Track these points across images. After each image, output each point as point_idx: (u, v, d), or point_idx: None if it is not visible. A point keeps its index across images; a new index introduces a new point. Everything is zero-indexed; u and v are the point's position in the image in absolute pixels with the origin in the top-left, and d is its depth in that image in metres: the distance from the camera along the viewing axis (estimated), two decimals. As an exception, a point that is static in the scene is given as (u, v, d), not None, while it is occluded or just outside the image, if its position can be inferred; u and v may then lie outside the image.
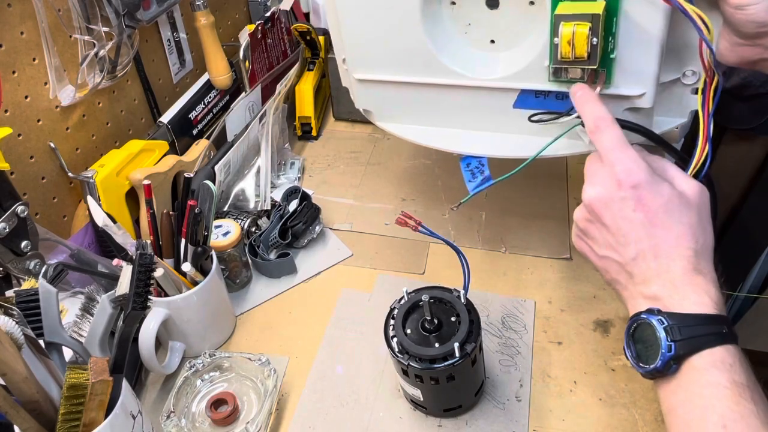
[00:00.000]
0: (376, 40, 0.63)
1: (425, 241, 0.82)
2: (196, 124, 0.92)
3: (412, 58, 0.63)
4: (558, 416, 0.62)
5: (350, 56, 0.67)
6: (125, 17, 0.75)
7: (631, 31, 0.52)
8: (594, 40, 0.50)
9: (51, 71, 0.69)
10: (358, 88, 0.69)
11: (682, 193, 0.46)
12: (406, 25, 0.60)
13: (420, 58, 0.62)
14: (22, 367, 0.46)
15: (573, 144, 0.61)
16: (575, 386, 0.64)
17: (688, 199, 0.46)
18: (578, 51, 0.51)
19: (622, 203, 0.46)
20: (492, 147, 0.65)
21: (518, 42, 0.60)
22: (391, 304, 0.60)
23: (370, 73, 0.66)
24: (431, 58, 0.62)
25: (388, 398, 0.64)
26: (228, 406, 0.60)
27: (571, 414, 0.62)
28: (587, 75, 0.55)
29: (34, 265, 0.61)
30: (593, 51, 0.51)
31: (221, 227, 0.75)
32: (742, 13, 0.46)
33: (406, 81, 0.65)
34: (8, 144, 0.65)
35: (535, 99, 0.61)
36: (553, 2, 0.53)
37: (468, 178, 0.64)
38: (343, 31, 0.64)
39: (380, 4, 0.60)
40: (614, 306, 0.72)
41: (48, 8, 0.67)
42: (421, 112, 0.68)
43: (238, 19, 1.09)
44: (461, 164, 0.65)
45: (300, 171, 0.96)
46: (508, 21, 0.59)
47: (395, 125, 0.70)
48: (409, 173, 0.96)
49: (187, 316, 0.66)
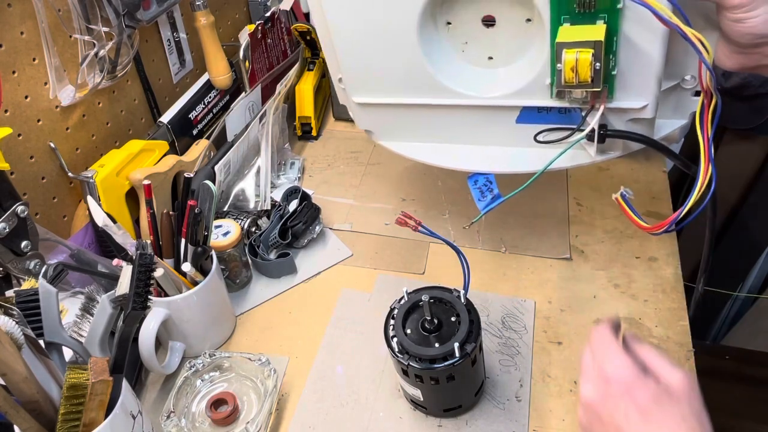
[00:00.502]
0: (373, 64, 0.62)
1: (425, 241, 0.82)
2: (196, 124, 0.92)
3: (411, 80, 0.62)
4: (558, 416, 0.62)
5: (347, 79, 0.66)
6: (125, 17, 0.75)
7: (631, 50, 0.52)
8: (597, 65, 0.51)
9: (51, 71, 0.69)
10: (357, 110, 0.69)
11: (668, 387, 0.47)
12: (402, 48, 0.60)
13: (419, 79, 0.62)
14: (22, 367, 0.46)
15: (577, 155, 0.62)
16: (575, 386, 0.64)
17: (674, 392, 0.47)
18: (582, 76, 0.51)
19: (616, 401, 0.48)
20: (498, 163, 0.65)
21: (517, 58, 0.60)
22: (391, 304, 0.60)
23: (369, 97, 0.66)
24: (430, 79, 0.61)
25: (388, 398, 0.64)
26: (228, 406, 0.60)
27: (571, 414, 0.62)
28: (589, 94, 0.55)
29: (34, 265, 0.61)
30: (596, 75, 0.51)
31: (221, 227, 0.75)
32: (741, 26, 0.47)
33: (406, 103, 0.65)
34: (8, 144, 0.65)
35: (537, 114, 0.61)
36: (553, 24, 0.53)
37: (477, 197, 0.64)
38: (338, 54, 0.64)
39: (375, 28, 0.59)
40: (614, 306, 0.73)
41: (48, 8, 0.67)
42: (424, 131, 0.68)
43: (238, 19, 1.09)
44: (469, 182, 0.65)
45: (300, 171, 0.96)
46: (505, 38, 0.59)
47: (398, 144, 0.70)
48: (409, 173, 0.96)
49: (187, 316, 0.66)
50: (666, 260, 0.78)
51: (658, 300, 0.73)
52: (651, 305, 0.72)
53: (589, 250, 0.80)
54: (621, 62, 0.53)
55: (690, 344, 0.68)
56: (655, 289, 0.74)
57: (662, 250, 0.79)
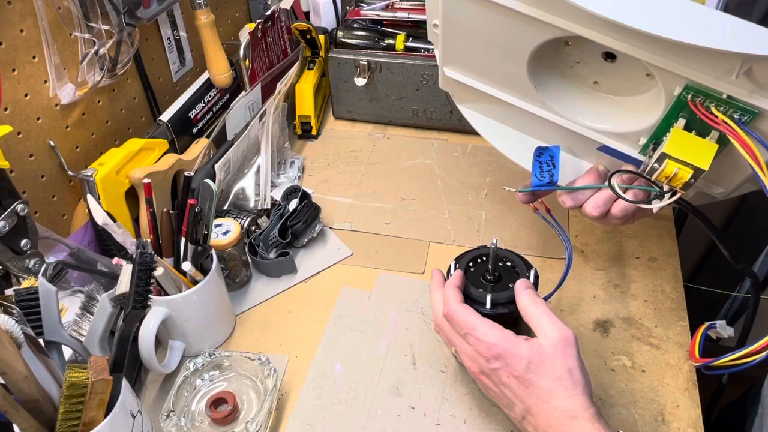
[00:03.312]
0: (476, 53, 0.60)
1: (425, 240, 0.82)
2: (196, 123, 0.92)
3: (508, 81, 0.61)
4: (558, 416, 0.62)
5: (443, 52, 0.63)
6: (125, 15, 0.75)
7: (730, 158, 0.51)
8: (692, 181, 0.50)
9: (51, 69, 0.69)
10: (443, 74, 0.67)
11: (540, 348, 0.51)
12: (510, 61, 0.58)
13: (516, 85, 0.60)
14: (22, 366, 0.46)
15: None
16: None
17: (546, 352, 0.51)
18: (674, 183, 0.51)
19: (498, 373, 0.53)
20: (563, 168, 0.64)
21: (620, 93, 0.59)
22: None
23: (461, 75, 0.64)
24: (528, 89, 0.60)
25: (387, 396, 0.64)
26: (228, 406, 0.60)
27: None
28: None
29: (34, 264, 0.61)
30: (686, 186, 0.51)
31: (221, 226, 0.75)
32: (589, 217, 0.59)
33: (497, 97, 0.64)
34: (8, 142, 0.65)
35: (617, 151, 0.60)
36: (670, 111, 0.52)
37: (536, 172, 0.61)
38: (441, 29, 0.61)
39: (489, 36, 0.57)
40: (614, 306, 0.73)
41: (48, 6, 0.67)
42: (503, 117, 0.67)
43: (238, 17, 1.08)
44: (534, 153, 0.62)
45: (300, 170, 0.96)
46: (619, 78, 0.58)
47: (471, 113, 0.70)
48: (409, 173, 0.96)
49: (187, 315, 0.66)
50: (666, 260, 0.78)
51: (658, 300, 0.73)
52: (651, 305, 0.72)
53: (589, 250, 0.80)
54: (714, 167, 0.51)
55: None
56: (655, 289, 0.74)
57: (662, 250, 0.79)
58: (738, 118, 0.48)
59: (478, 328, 0.53)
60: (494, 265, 0.59)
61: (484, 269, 0.60)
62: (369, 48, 1.02)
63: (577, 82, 0.61)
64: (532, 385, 0.51)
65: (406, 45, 1.01)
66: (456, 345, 0.57)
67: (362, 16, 1.08)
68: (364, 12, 1.09)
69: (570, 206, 0.61)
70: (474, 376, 0.56)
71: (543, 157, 0.61)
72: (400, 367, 0.67)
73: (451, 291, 0.57)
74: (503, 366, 0.52)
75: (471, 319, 0.54)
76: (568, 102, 0.61)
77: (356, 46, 1.04)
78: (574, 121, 0.61)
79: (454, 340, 0.57)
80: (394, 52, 1.01)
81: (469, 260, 0.61)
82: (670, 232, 0.82)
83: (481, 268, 0.60)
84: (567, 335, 0.51)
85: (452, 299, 0.56)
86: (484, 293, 0.57)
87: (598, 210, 0.59)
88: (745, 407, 0.84)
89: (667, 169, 0.50)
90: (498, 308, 0.57)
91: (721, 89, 0.47)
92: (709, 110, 0.49)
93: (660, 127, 0.54)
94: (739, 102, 0.47)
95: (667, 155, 0.50)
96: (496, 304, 0.57)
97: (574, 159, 0.66)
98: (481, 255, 0.61)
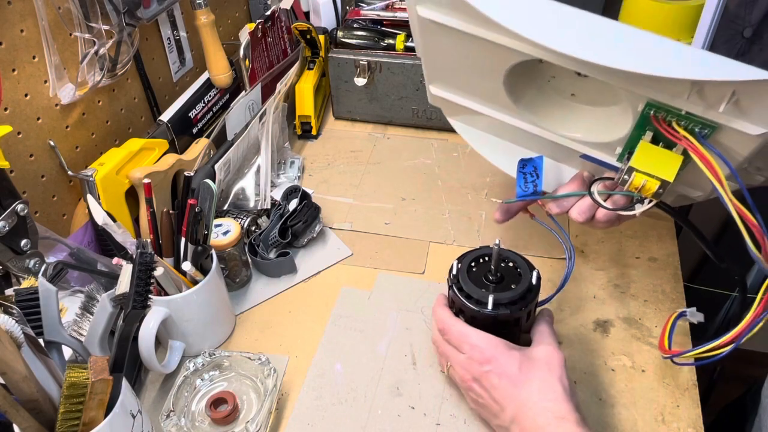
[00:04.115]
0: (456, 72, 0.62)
1: (425, 240, 0.82)
2: (196, 123, 0.92)
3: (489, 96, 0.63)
4: (558, 416, 0.62)
5: (426, 69, 0.66)
6: (125, 15, 0.75)
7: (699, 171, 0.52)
8: (660, 191, 0.52)
9: (51, 69, 0.69)
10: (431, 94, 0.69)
11: (532, 353, 0.55)
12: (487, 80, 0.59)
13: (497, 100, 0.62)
14: (22, 366, 0.46)
15: None
16: (575, 386, 0.64)
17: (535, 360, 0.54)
18: (644, 194, 0.54)
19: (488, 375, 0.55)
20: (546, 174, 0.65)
21: (597, 104, 0.60)
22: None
23: (446, 92, 0.67)
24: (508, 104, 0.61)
25: (387, 396, 0.64)
26: (228, 406, 0.60)
27: (571, 414, 0.62)
28: None
29: (34, 264, 0.61)
30: (657, 195, 0.53)
31: (221, 226, 0.75)
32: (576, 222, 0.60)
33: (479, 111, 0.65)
34: (8, 142, 0.65)
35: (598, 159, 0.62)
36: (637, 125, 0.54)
37: (520, 183, 0.63)
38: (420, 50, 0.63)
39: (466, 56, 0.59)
40: (614, 306, 0.73)
41: (48, 6, 0.67)
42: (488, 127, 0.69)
43: (238, 17, 1.08)
44: (518, 164, 0.64)
45: (300, 170, 0.96)
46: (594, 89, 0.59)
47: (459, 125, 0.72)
48: (409, 173, 0.96)
49: (187, 315, 0.66)
50: (666, 260, 0.78)
51: (658, 300, 0.73)
52: (651, 305, 0.72)
53: (589, 250, 0.80)
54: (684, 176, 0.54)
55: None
56: (655, 289, 0.74)
57: (662, 250, 0.79)
58: (699, 131, 0.50)
59: (470, 335, 0.57)
60: (497, 265, 0.59)
61: (486, 269, 0.60)
62: (369, 48, 1.02)
63: (555, 95, 0.62)
64: (521, 385, 0.53)
65: (406, 45, 1.01)
66: (450, 357, 0.59)
67: (362, 16, 1.09)
68: (364, 12, 1.09)
69: (556, 213, 0.63)
70: (466, 386, 0.58)
71: (527, 168, 0.63)
72: (400, 367, 0.67)
73: (440, 309, 0.61)
74: (495, 368, 0.54)
75: (464, 329, 0.58)
76: (546, 114, 0.62)
77: (356, 46, 1.04)
78: (553, 131, 0.62)
79: (448, 352, 0.59)
80: (394, 52, 1.01)
81: (472, 260, 0.61)
82: (670, 232, 0.82)
83: (483, 268, 0.60)
84: (559, 354, 0.55)
85: (444, 314, 0.60)
86: (486, 293, 0.57)
87: (583, 216, 0.61)
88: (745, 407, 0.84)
89: (636, 180, 0.53)
90: (500, 309, 0.57)
91: (680, 106, 0.50)
92: (670, 125, 0.51)
93: (631, 138, 0.56)
94: (697, 117, 0.49)
95: (633, 168, 0.53)
96: (498, 304, 0.57)
97: (558, 166, 0.68)
98: (483, 255, 0.61)
